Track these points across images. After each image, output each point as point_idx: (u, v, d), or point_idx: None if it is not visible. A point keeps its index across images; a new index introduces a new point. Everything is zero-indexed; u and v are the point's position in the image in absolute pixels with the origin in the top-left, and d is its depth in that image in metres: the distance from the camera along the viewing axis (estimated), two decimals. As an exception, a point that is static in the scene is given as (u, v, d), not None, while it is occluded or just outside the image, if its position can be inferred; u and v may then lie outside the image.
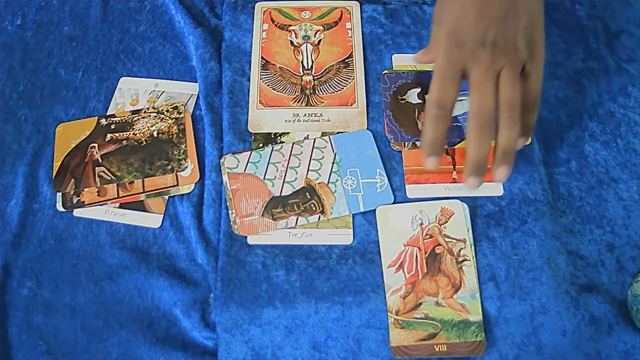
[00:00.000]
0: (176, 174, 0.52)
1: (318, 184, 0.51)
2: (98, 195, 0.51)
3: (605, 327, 0.46)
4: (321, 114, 0.54)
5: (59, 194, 0.51)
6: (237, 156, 0.52)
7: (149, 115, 0.55)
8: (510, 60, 0.43)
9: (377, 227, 0.49)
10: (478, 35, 0.43)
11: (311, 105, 0.55)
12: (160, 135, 0.54)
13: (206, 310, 0.48)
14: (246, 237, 0.49)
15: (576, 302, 0.46)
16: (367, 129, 0.53)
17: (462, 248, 0.48)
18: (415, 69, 0.56)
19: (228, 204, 0.50)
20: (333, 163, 0.52)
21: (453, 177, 0.51)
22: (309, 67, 0.57)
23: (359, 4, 0.60)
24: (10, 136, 0.55)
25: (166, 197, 0.52)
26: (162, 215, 0.51)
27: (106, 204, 0.51)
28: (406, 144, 0.52)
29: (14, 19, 0.61)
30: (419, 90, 0.53)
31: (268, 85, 0.56)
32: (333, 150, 0.52)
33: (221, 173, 0.52)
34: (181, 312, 0.47)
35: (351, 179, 0.51)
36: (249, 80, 0.56)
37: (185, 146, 0.53)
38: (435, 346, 0.45)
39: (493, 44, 0.43)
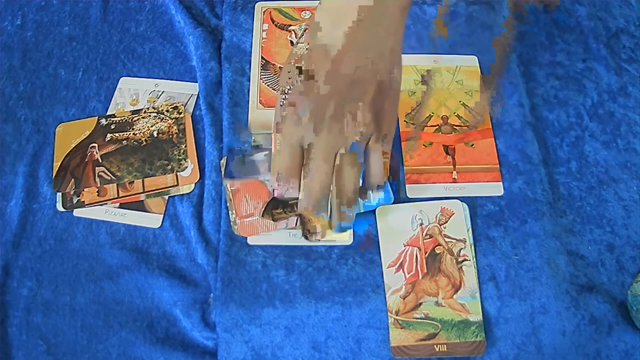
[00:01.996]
0: (176, 174, 0.52)
1: None
2: (98, 195, 0.51)
3: (605, 327, 0.46)
4: (321, 114, 0.54)
5: (59, 194, 0.51)
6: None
7: (149, 115, 0.55)
8: (350, 139, 0.40)
9: (377, 227, 0.49)
10: (317, 109, 0.39)
11: (311, 105, 0.55)
12: (160, 135, 0.54)
13: (206, 310, 0.48)
14: (246, 237, 0.49)
15: (576, 302, 0.46)
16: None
17: (462, 248, 0.48)
18: (416, 69, 0.56)
19: (228, 204, 0.50)
20: None
21: (453, 177, 0.51)
22: (309, 67, 0.57)
23: (359, 4, 0.60)
24: (10, 136, 0.54)
25: (166, 197, 0.52)
26: (162, 215, 0.51)
27: (106, 204, 0.51)
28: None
29: (14, 19, 0.61)
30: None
31: (268, 85, 0.56)
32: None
33: (221, 173, 0.52)
34: (181, 312, 0.47)
35: None
36: (249, 80, 0.56)
37: (185, 146, 0.53)
38: (435, 346, 0.45)
39: (332, 118, 0.39)
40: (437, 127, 0.54)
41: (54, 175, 0.52)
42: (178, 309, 0.48)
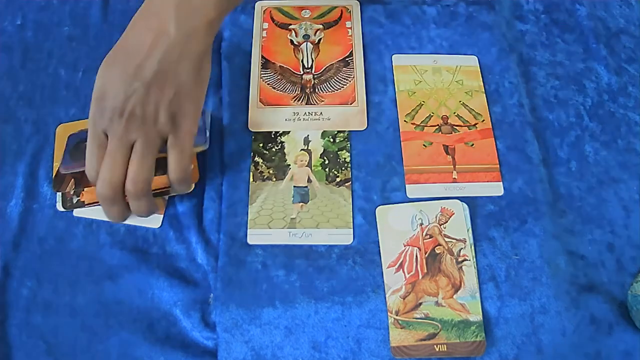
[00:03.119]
0: (176, 174, 0.52)
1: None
2: (98, 195, 0.51)
3: (605, 327, 0.46)
4: (321, 113, 0.54)
5: (59, 194, 0.51)
6: None
7: (149, 115, 0.55)
8: (145, 134, 0.42)
9: (377, 227, 0.49)
10: (117, 104, 0.42)
11: (311, 104, 0.55)
12: (160, 135, 0.54)
13: (206, 310, 0.48)
14: (246, 237, 0.49)
15: (576, 302, 0.46)
16: (367, 128, 0.53)
17: (462, 248, 0.48)
18: (416, 69, 0.56)
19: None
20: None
21: (453, 177, 0.51)
22: (309, 66, 0.57)
23: (358, 3, 0.60)
24: (10, 136, 0.54)
25: (166, 197, 0.52)
26: (162, 215, 0.51)
27: (106, 204, 0.51)
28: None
29: (14, 19, 0.60)
30: None
31: (268, 84, 0.56)
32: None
33: (223, 173, 0.52)
34: (181, 312, 0.47)
35: None
36: (249, 80, 0.56)
37: (185, 146, 0.53)
38: (435, 346, 0.45)
39: (130, 114, 0.42)
40: (437, 127, 0.54)
41: (53, 175, 0.52)
42: (178, 309, 0.48)
